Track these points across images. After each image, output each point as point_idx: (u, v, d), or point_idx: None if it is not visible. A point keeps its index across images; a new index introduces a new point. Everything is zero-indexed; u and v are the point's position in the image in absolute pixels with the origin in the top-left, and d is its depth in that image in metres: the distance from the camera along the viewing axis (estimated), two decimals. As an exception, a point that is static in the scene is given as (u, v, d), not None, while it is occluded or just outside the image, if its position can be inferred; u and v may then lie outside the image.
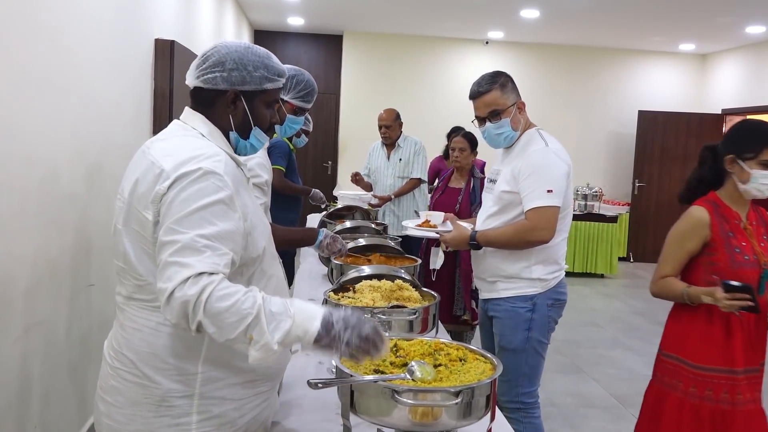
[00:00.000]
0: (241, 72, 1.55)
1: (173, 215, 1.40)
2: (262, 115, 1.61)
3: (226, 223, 1.42)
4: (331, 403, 1.79)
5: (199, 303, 1.32)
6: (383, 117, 5.19)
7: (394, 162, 5.20)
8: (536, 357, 2.63)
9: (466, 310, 4.05)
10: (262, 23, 9.31)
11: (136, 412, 1.49)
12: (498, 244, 2.59)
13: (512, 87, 2.60)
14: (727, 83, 9.38)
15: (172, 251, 1.36)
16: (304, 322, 1.37)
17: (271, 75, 1.59)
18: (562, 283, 2.67)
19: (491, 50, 9.61)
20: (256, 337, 1.34)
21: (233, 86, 1.55)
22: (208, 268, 1.35)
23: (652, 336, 5.82)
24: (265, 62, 1.59)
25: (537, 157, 2.51)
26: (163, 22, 4.37)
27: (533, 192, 2.46)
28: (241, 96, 1.57)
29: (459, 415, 1.35)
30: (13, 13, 2.30)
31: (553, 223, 2.47)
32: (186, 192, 1.41)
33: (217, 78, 1.55)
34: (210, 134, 1.57)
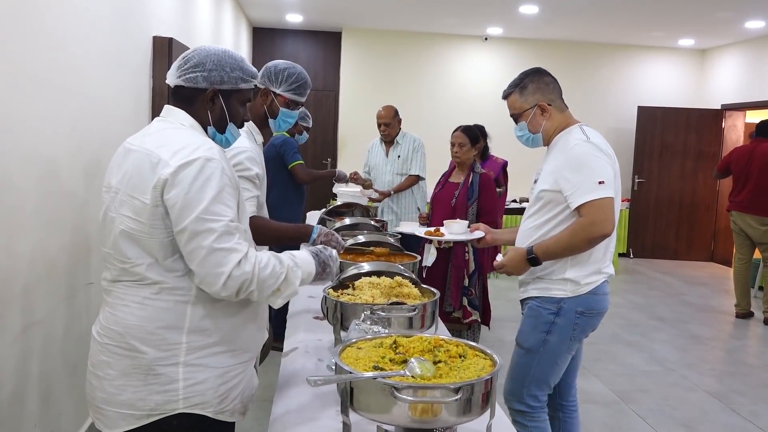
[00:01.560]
0: (219, 72, 1.74)
1: (197, 205, 1.57)
2: (236, 112, 1.81)
3: (234, 200, 1.64)
4: (330, 400, 1.78)
5: (254, 277, 1.60)
6: (382, 114, 5.18)
7: (393, 159, 5.20)
8: (549, 363, 2.51)
9: (454, 307, 4.01)
10: (260, 20, 9.29)
11: (127, 383, 1.62)
12: (558, 251, 2.41)
13: (536, 88, 2.51)
14: (726, 78, 9.37)
15: (215, 238, 1.56)
16: (308, 267, 1.80)
17: (245, 76, 1.79)
18: (601, 290, 2.48)
19: (490, 46, 9.59)
20: (282, 289, 1.69)
21: (212, 85, 1.74)
22: (246, 247, 1.61)
23: (652, 332, 5.83)
24: (241, 65, 1.78)
25: (579, 150, 2.38)
26: (161, 20, 4.36)
27: (583, 186, 2.33)
28: (219, 94, 1.75)
29: (459, 412, 1.35)
30: (11, 11, 2.29)
31: (611, 215, 2.34)
32: (198, 181, 1.57)
33: (198, 77, 1.73)
34: (192, 127, 1.73)
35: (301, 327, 2.52)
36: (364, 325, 1.80)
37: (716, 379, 4.71)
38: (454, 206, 4.01)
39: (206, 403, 1.64)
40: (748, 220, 6.20)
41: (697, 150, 9.40)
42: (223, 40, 6.99)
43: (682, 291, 7.57)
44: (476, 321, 4.08)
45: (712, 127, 9.34)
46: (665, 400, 4.28)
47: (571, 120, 2.55)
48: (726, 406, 4.22)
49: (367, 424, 1.52)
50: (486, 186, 4.06)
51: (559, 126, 2.53)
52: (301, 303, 2.85)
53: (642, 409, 4.10)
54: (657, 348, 5.37)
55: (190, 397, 1.62)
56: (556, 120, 2.53)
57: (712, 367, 5.03)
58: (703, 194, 9.42)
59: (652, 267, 8.94)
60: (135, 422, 1.62)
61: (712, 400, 4.31)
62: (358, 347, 1.58)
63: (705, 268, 8.99)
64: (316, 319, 2.60)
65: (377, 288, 2.15)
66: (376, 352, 1.54)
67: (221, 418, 1.68)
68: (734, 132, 9.36)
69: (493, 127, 6.81)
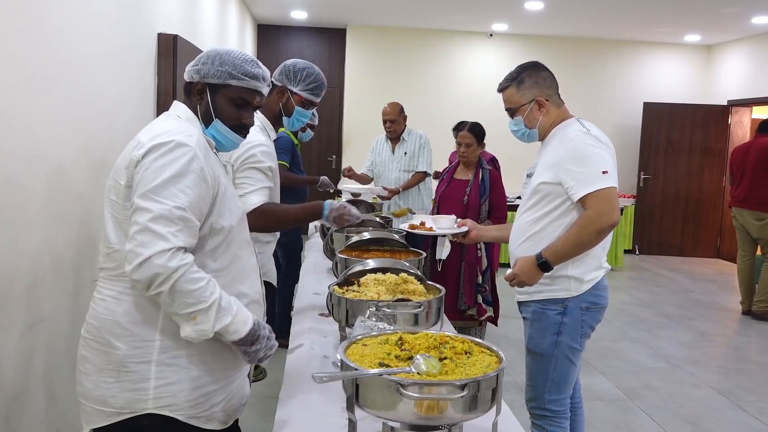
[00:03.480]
0: (208, 66, 1.74)
1: (150, 182, 1.54)
2: (225, 109, 1.77)
3: (196, 190, 1.58)
4: (336, 397, 1.78)
5: (170, 278, 1.49)
6: (387, 111, 5.16)
7: (399, 156, 5.17)
8: (566, 363, 2.46)
9: (469, 305, 4.01)
10: (265, 17, 9.29)
11: (100, 378, 1.61)
12: (568, 250, 2.33)
13: (533, 83, 2.47)
14: (732, 74, 9.32)
15: (150, 218, 1.51)
16: (240, 326, 1.60)
17: (236, 72, 1.74)
18: (602, 285, 2.46)
19: (495, 43, 9.57)
20: (199, 320, 1.54)
21: (202, 78, 1.75)
22: (184, 244, 1.53)
23: (658, 328, 5.81)
24: (236, 62, 1.75)
25: (580, 142, 2.34)
26: (166, 17, 4.36)
27: (587, 177, 2.28)
28: (206, 88, 1.75)
29: (465, 409, 1.35)
30: (15, 10, 2.29)
31: (617, 204, 2.30)
32: (162, 160, 1.56)
33: (192, 70, 1.77)
34: (188, 119, 1.75)
35: (307, 323, 2.52)
36: (370, 322, 1.80)
37: (723, 376, 4.69)
38: (467, 204, 3.99)
39: (177, 405, 1.60)
40: (746, 215, 6.20)
41: (703, 146, 9.37)
42: (227, 37, 6.99)
43: (688, 288, 7.55)
44: (491, 317, 4.08)
45: (719, 123, 9.29)
46: (671, 396, 4.26)
47: (567, 114, 2.52)
48: (733, 402, 4.20)
49: (372, 421, 1.51)
50: (496, 182, 4.06)
51: (555, 121, 2.49)
52: (306, 299, 2.85)
53: (648, 406, 4.09)
54: (663, 345, 5.35)
55: (161, 398, 1.59)
56: (552, 115, 2.49)
57: (718, 363, 5.02)
58: (709, 191, 9.39)
59: (658, 264, 8.91)
60: (107, 419, 1.61)
61: (719, 396, 4.30)
62: (364, 344, 1.58)
63: (711, 265, 8.96)
64: (322, 316, 2.60)
65: (382, 284, 2.15)
66: (382, 349, 1.53)
67: (194, 423, 1.64)
68: (741, 128, 9.31)
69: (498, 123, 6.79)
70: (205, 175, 1.61)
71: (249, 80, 1.76)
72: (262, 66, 1.82)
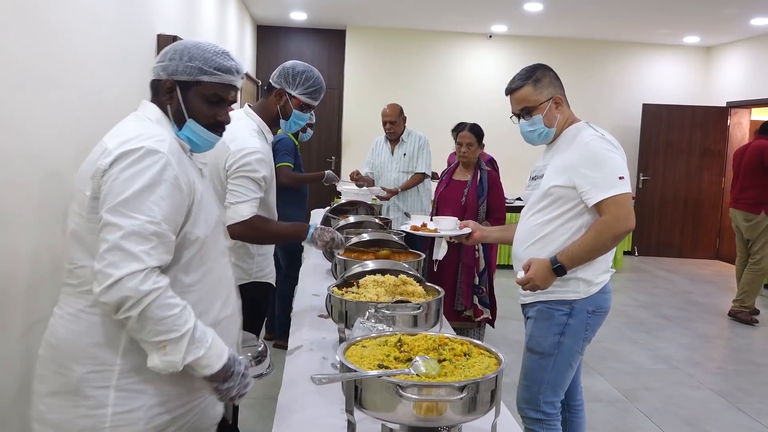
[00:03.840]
0: (176, 62, 1.61)
1: (119, 194, 1.42)
2: (198, 108, 1.64)
3: (170, 201, 1.47)
4: (335, 398, 1.78)
5: (141, 302, 1.38)
6: (387, 112, 5.15)
7: (398, 157, 5.17)
8: (564, 365, 2.45)
9: (466, 306, 4.01)
10: (264, 18, 9.29)
11: (55, 401, 1.50)
12: (584, 254, 2.33)
13: (549, 81, 2.45)
14: (732, 76, 9.33)
15: (121, 235, 1.39)
16: (214, 360, 1.49)
17: (208, 68, 1.61)
18: (607, 288, 2.47)
19: (495, 44, 9.58)
20: (168, 350, 1.42)
21: (170, 75, 1.62)
22: (158, 263, 1.42)
23: (658, 330, 5.81)
24: (207, 56, 1.62)
25: (596, 146, 2.33)
26: (165, 18, 4.36)
27: (603, 182, 2.28)
28: (176, 86, 1.62)
29: (464, 410, 1.35)
30: (13, 10, 2.29)
31: (632, 210, 2.32)
32: (131, 170, 1.44)
33: (158, 67, 1.64)
34: (159, 120, 1.62)
35: (306, 325, 2.52)
36: (369, 324, 1.80)
37: (722, 377, 4.69)
38: (464, 205, 3.99)
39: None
40: (737, 216, 6.22)
41: (702, 148, 9.37)
42: (227, 38, 6.99)
43: (687, 289, 7.55)
44: (487, 319, 4.08)
45: (718, 125, 9.30)
46: (670, 398, 4.27)
47: (574, 117, 2.52)
48: (732, 404, 4.21)
49: (372, 423, 1.51)
50: (494, 183, 4.06)
51: (567, 121, 2.48)
52: (305, 301, 2.85)
53: (647, 408, 4.09)
54: (662, 346, 5.35)
55: (119, 426, 1.47)
56: (565, 114, 2.48)
57: (717, 365, 5.02)
58: (708, 192, 9.39)
59: (657, 265, 8.91)
60: None
61: (718, 398, 4.30)
62: (363, 345, 1.58)
63: (710, 266, 8.97)
64: (321, 317, 2.59)
65: (382, 286, 2.15)
66: (381, 351, 1.53)
67: None
68: (740, 129, 9.32)
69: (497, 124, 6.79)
70: (179, 184, 1.50)
71: (222, 75, 1.64)
72: (234, 58, 1.69)
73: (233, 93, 1.69)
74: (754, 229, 6.08)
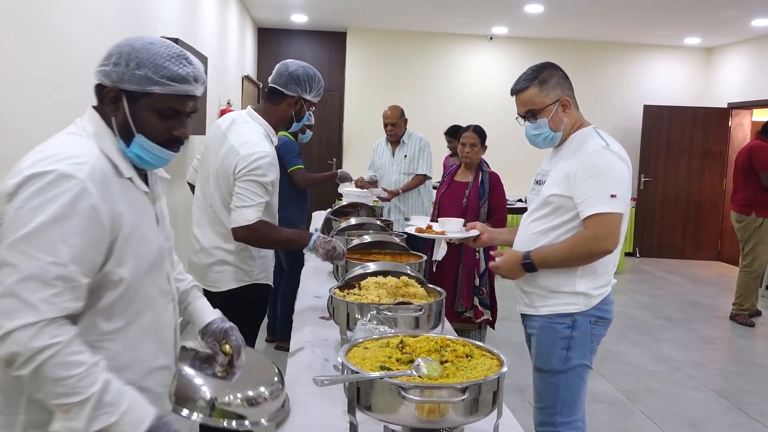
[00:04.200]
0: (121, 68, 1.37)
1: (21, 227, 1.21)
2: (148, 122, 1.39)
3: (84, 237, 1.24)
4: (337, 400, 1.78)
5: (33, 360, 1.18)
6: (388, 114, 5.16)
7: (399, 159, 5.18)
8: (576, 380, 2.32)
9: (466, 307, 4.00)
10: (265, 21, 9.30)
11: None
12: (556, 261, 2.27)
13: (556, 82, 2.32)
14: (732, 77, 9.33)
15: (17, 279, 1.19)
16: (127, 426, 1.25)
17: (158, 77, 1.36)
18: (608, 299, 2.36)
19: (495, 46, 9.58)
20: (72, 415, 1.20)
21: (114, 83, 1.38)
22: (59, 313, 1.21)
23: (659, 331, 5.81)
24: (158, 62, 1.37)
25: (598, 158, 2.22)
26: (166, 21, 4.37)
27: (594, 197, 2.18)
28: (123, 96, 1.38)
29: (466, 412, 1.35)
30: (15, 14, 2.30)
31: (617, 232, 2.21)
32: (38, 198, 1.22)
33: (100, 72, 1.40)
34: (97, 134, 1.39)
35: (308, 326, 2.52)
36: (371, 325, 1.80)
37: (724, 379, 4.69)
38: (465, 206, 3.99)
39: None
40: (733, 217, 6.24)
41: (703, 149, 9.37)
42: (228, 41, 7.00)
43: (688, 290, 7.55)
44: (488, 320, 4.07)
45: (719, 126, 9.30)
46: (672, 399, 4.26)
47: (583, 120, 2.40)
48: (734, 405, 4.20)
49: (374, 424, 1.52)
50: (496, 185, 4.06)
51: (575, 124, 2.36)
52: (307, 302, 2.85)
53: (649, 409, 4.09)
54: (664, 347, 5.35)
55: None
56: (573, 117, 2.35)
57: (719, 366, 5.01)
58: (709, 193, 9.39)
59: (659, 266, 8.91)
60: None
61: (720, 399, 4.30)
62: (365, 347, 1.58)
63: (712, 267, 8.96)
64: (323, 319, 2.59)
65: (383, 288, 2.15)
66: (383, 352, 1.53)
67: None
68: (741, 131, 9.32)
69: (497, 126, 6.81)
70: (98, 216, 1.27)
71: (177, 85, 1.39)
72: (193, 62, 1.43)
73: (191, 104, 1.45)
74: (745, 230, 6.09)
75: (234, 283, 2.61)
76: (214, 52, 6.07)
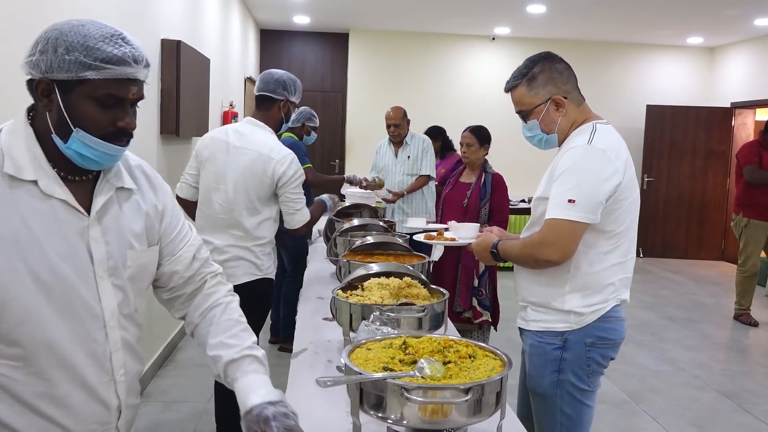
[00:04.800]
0: (49, 55, 1.20)
1: None
2: (87, 114, 1.23)
3: None
4: (340, 401, 1.78)
5: None
6: (391, 116, 5.15)
7: (402, 160, 5.18)
8: (574, 404, 2.11)
9: (464, 307, 4.00)
10: (268, 22, 9.31)
11: None
12: (512, 257, 2.13)
13: (547, 79, 2.10)
14: (735, 76, 9.31)
15: None
16: None
17: (91, 60, 1.20)
18: (610, 316, 2.09)
19: (498, 46, 9.58)
20: None
21: (43, 74, 1.22)
22: None
23: (663, 331, 5.80)
24: (89, 43, 1.21)
25: (572, 155, 1.99)
26: (169, 23, 4.38)
27: (554, 199, 1.98)
28: (54, 86, 1.22)
29: (469, 413, 1.35)
30: (19, 17, 2.30)
31: (566, 242, 1.96)
32: None
33: (28, 62, 1.25)
34: (11, 132, 1.27)
35: (310, 328, 2.52)
36: (374, 326, 1.80)
37: (728, 379, 4.68)
38: (466, 207, 3.99)
39: None
40: None
41: (706, 148, 9.36)
42: (230, 43, 7.00)
43: (692, 290, 7.53)
44: (487, 322, 4.06)
45: (722, 126, 9.29)
46: (677, 399, 4.25)
47: (590, 115, 2.14)
48: (738, 405, 4.19)
49: (377, 425, 1.51)
50: (498, 186, 4.06)
51: (576, 122, 2.11)
52: (310, 304, 2.85)
53: (653, 409, 4.08)
54: (668, 347, 5.34)
55: None
56: (572, 115, 2.11)
57: (723, 366, 5.00)
58: (713, 193, 9.37)
59: (662, 266, 8.89)
60: None
61: (724, 399, 4.29)
62: (368, 348, 1.58)
63: (715, 267, 8.94)
64: (326, 320, 2.59)
65: (386, 289, 2.15)
66: (386, 353, 1.53)
67: None
68: (744, 130, 9.30)
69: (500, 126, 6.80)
70: None
71: (114, 68, 1.22)
72: (131, 41, 1.27)
73: (134, 89, 1.27)
74: (736, 229, 6.15)
75: (246, 278, 2.86)
76: (217, 54, 6.07)
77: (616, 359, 2.25)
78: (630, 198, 2.06)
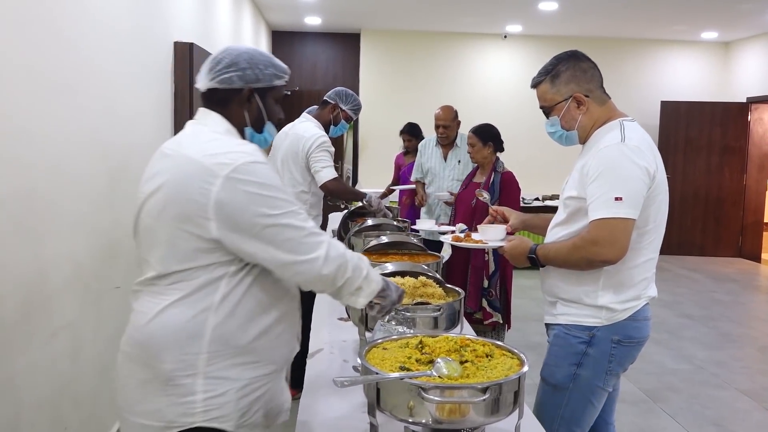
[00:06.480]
0: (254, 70, 1.68)
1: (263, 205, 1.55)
2: (273, 110, 1.76)
3: None
4: (357, 401, 1.78)
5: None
6: (440, 116, 4.72)
7: (452, 164, 4.72)
8: (581, 402, 2.12)
9: (473, 308, 3.95)
10: (279, 23, 9.34)
11: (145, 392, 1.55)
12: (557, 261, 2.11)
13: (570, 77, 2.13)
14: (751, 71, 9.21)
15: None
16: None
17: (279, 72, 1.73)
18: (641, 316, 2.12)
19: (510, 44, 9.54)
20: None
21: (248, 84, 1.67)
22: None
23: (680, 329, 5.74)
24: (273, 61, 1.73)
25: (608, 154, 2.00)
26: (181, 26, 4.40)
27: (598, 199, 1.97)
28: (255, 93, 1.69)
29: (487, 412, 1.34)
30: (31, 21, 2.32)
31: (621, 239, 1.98)
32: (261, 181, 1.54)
33: (232, 77, 1.66)
34: (227, 132, 1.66)
35: (326, 328, 2.52)
36: (389, 326, 1.80)
37: (748, 377, 4.62)
38: (474, 206, 3.98)
39: (226, 416, 1.54)
40: None
41: (722, 144, 9.26)
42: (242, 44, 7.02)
43: (710, 288, 7.46)
44: (497, 323, 4.02)
45: (738, 121, 9.19)
46: (695, 398, 4.21)
47: (614, 113, 2.16)
48: (759, 404, 4.14)
49: (394, 425, 1.51)
50: (507, 185, 4.02)
51: (598, 121, 2.14)
52: (325, 304, 2.85)
53: (672, 408, 4.04)
54: (686, 346, 5.29)
55: (210, 410, 1.53)
56: (594, 114, 2.13)
57: (743, 364, 4.95)
58: (729, 189, 9.28)
59: (679, 263, 8.81)
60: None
61: (744, 398, 4.24)
62: (384, 348, 1.58)
63: (733, 264, 8.85)
64: (341, 321, 2.59)
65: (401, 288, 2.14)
66: (402, 353, 1.53)
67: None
68: (760, 125, 9.20)
69: (514, 124, 6.78)
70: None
71: (287, 77, 1.78)
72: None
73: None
74: None
75: None
76: (229, 56, 6.09)
77: (633, 358, 2.21)
78: (663, 193, 2.10)
